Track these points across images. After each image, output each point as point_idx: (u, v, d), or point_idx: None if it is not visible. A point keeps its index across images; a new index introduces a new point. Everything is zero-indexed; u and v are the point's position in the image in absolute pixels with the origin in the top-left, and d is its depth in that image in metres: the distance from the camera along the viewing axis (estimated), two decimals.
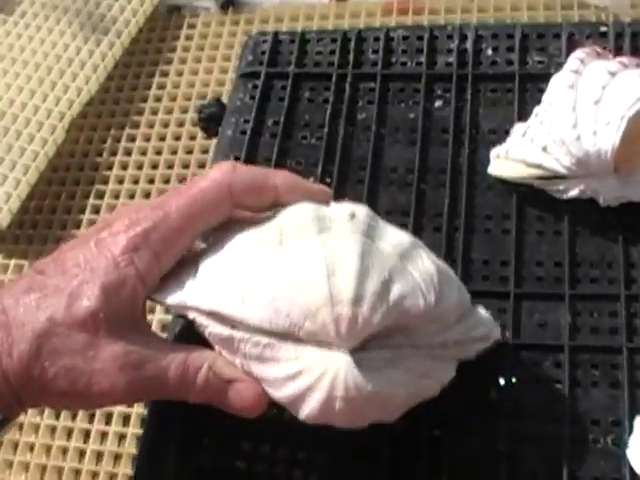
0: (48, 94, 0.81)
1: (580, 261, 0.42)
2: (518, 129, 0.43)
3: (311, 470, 0.38)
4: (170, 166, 0.79)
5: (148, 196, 0.77)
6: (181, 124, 0.81)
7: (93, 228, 0.38)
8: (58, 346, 0.34)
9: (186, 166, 0.78)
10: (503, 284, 0.42)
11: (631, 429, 0.36)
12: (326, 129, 0.49)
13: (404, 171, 0.47)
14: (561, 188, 0.41)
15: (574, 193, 0.41)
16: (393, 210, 0.45)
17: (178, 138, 0.80)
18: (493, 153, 0.45)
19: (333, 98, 0.51)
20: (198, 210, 0.37)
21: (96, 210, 0.78)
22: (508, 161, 0.43)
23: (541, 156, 0.41)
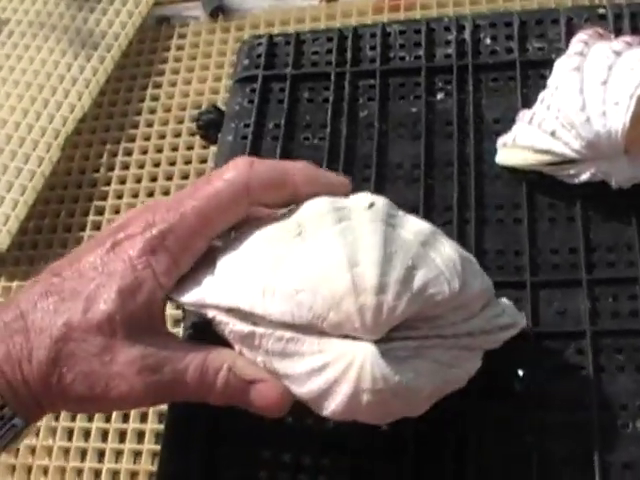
0: (41, 112, 0.81)
1: (595, 246, 0.41)
2: (524, 116, 0.43)
3: (335, 476, 0.37)
4: (169, 177, 0.78)
5: None
6: (178, 134, 0.81)
7: (108, 230, 0.37)
8: (75, 351, 0.34)
9: (185, 177, 0.77)
10: (519, 274, 0.41)
11: None
12: (328, 129, 0.49)
13: (410, 166, 0.46)
14: (572, 172, 0.41)
15: (585, 177, 0.40)
16: (402, 206, 0.44)
17: (175, 149, 0.80)
18: (500, 142, 0.44)
19: (333, 97, 0.50)
20: (215, 211, 0.36)
21: (97, 227, 0.77)
22: (516, 149, 0.43)
23: (550, 141, 0.40)
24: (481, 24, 0.51)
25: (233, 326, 0.34)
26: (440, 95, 0.49)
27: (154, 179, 0.78)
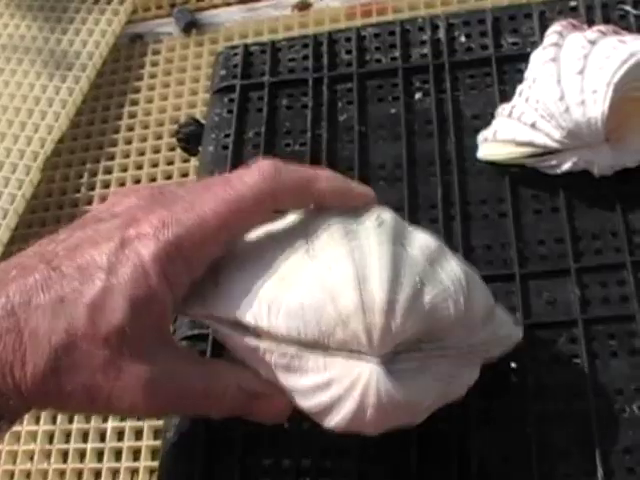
0: (19, 135, 0.81)
1: (581, 234, 0.41)
2: (503, 110, 0.43)
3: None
4: None
5: None
6: (157, 150, 0.80)
7: (111, 217, 0.34)
8: (77, 362, 0.31)
9: None
10: (507, 267, 0.41)
11: None
12: (309, 134, 0.49)
13: (392, 166, 0.47)
14: (554, 163, 0.41)
15: (567, 166, 0.41)
16: (387, 207, 0.45)
17: (156, 165, 0.79)
18: (480, 137, 0.45)
19: (312, 103, 0.50)
20: (237, 218, 0.34)
21: None
22: (497, 143, 0.43)
23: (531, 133, 0.40)
24: (455, 22, 0.51)
25: (237, 339, 0.34)
26: (418, 95, 0.49)
27: None
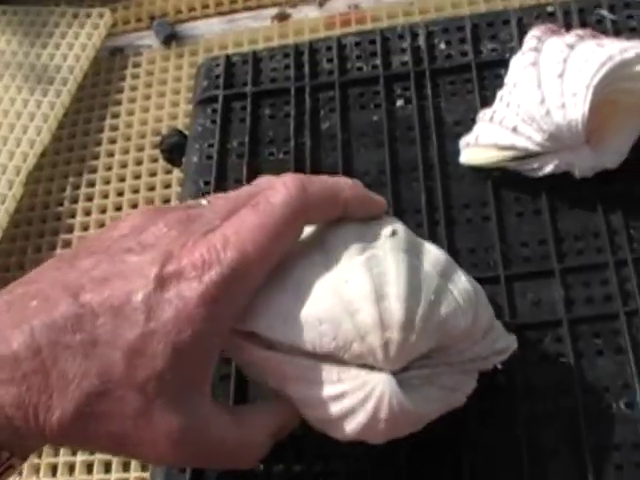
0: (1, 149, 0.80)
1: (563, 236, 0.42)
2: (484, 115, 0.44)
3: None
4: (134, 205, 0.78)
5: None
6: (139, 162, 0.80)
7: (138, 245, 0.32)
8: (109, 409, 0.29)
9: (150, 202, 0.77)
10: (492, 269, 0.42)
11: None
12: (292, 143, 0.49)
13: (376, 173, 0.47)
14: (535, 166, 0.41)
15: (549, 169, 0.41)
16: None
17: (138, 177, 0.79)
18: (462, 142, 0.45)
19: (294, 111, 0.51)
20: (276, 245, 0.32)
21: None
22: (479, 148, 0.44)
23: (512, 137, 0.41)
24: (434, 30, 0.52)
25: (250, 351, 0.33)
26: (400, 102, 0.50)
27: (119, 208, 0.78)
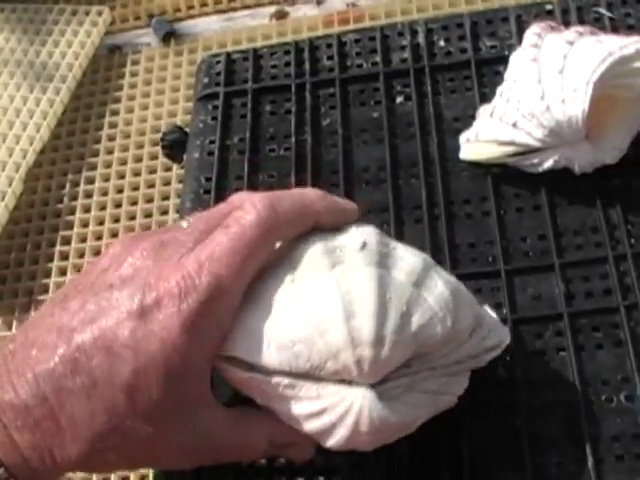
0: (0, 146, 0.80)
1: (563, 231, 0.42)
2: (484, 111, 0.44)
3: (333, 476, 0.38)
4: (134, 202, 0.78)
5: (115, 236, 0.76)
6: (139, 160, 0.80)
7: (118, 280, 0.33)
8: (121, 441, 0.32)
9: (150, 200, 0.77)
10: (492, 264, 0.42)
11: None
12: (293, 139, 0.50)
13: (376, 169, 0.47)
14: (535, 161, 0.42)
15: (549, 164, 0.41)
16: (372, 209, 0.45)
17: (138, 174, 0.79)
18: (462, 138, 0.45)
19: (295, 108, 0.51)
20: (249, 264, 0.33)
21: (65, 256, 0.77)
22: (479, 143, 0.44)
23: (512, 132, 0.41)
24: (434, 27, 0.52)
25: (232, 372, 0.34)
26: (399, 99, 0.50)
27: (119, 205, 0.78)
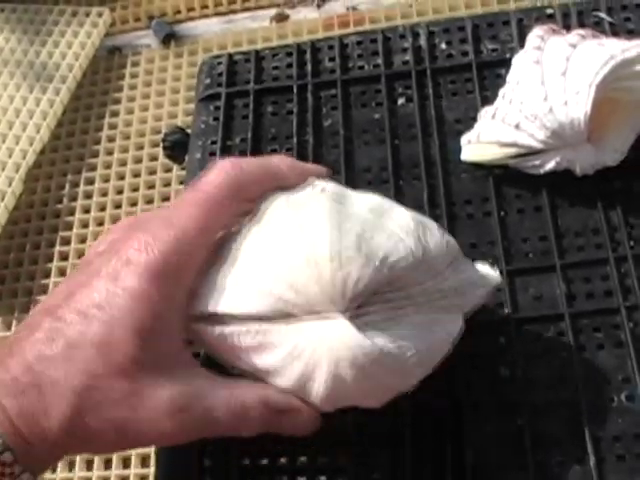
0: (0, 147, 0.81)
1: (564, 232, 0.43)
2: (486, 113, 0.44)
3: (334, 475, 0.38)
4: (133, 203, 0.78)
5: None
6: (139, 161, 0.81)
7: (96, 255, 0.35)
8: (100, 399, 0.32)
9: (149, 201, 0.78)
10: (493, 264, 0.42)
11: None
12: (294, 140, 0.50)
13: (378, 170, 0.48)
14: (537, 163, 0.42)
15: (551, 166, 0.42)
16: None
17: (137, 175, 0.80)
18: (464, 140, 0.46)
19: (297, 109, 0.51)
20: (213, 217, 0.35)
21: (64, 257, 0.77)
22: (481, 145, 0.44)
23: (515, 134, 0.42)
24: (435, 30, 0.53)
25: (205, 331, 0.34)
26: (401, 100, 0.50)
27: (118, 206, 0.78)
